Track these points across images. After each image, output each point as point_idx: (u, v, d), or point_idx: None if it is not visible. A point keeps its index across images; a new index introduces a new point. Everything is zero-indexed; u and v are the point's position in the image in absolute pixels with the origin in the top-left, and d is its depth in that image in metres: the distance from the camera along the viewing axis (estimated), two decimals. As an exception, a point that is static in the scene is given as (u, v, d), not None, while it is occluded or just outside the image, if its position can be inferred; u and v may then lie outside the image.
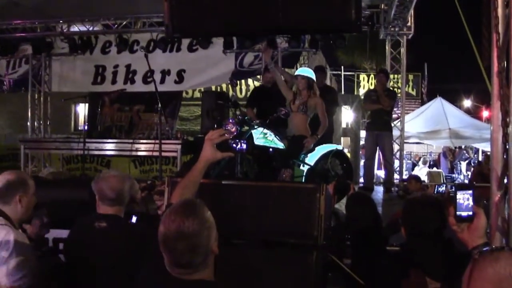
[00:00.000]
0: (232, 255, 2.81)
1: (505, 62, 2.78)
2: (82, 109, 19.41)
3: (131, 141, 10.41)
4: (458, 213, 2.47)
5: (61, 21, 13.05)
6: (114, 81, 13.18)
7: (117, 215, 3.74)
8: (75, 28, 13.21)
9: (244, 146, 3.71)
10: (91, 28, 13.05)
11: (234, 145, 3.58)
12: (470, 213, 2.45)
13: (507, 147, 2.71)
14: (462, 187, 2.55)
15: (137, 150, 10.49)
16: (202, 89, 15.00)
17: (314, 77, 8.18)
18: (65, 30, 13.23)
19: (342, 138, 15.78)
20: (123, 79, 13.07)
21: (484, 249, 1.94)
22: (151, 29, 12.52)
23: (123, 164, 12.42)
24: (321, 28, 4.45)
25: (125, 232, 3.66)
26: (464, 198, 2.48)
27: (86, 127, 10.79)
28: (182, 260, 2.42)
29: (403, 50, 12.89)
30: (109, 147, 10.81)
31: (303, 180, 7.71)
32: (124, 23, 12.71)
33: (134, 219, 3.88)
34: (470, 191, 2.49)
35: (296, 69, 14.31)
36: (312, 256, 3.62)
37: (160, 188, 5.66)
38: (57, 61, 13.83)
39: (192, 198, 2.86)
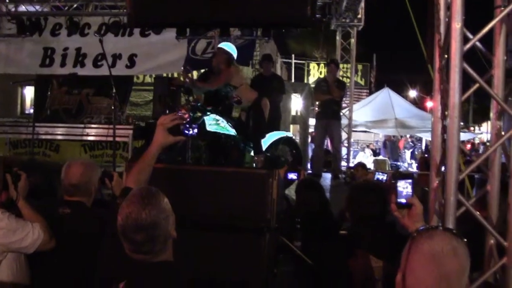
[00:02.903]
0: (187, 238, 2.93)
1: (446, 60, 3.02)
2: (29, 92, 18.99)
3: (82, 125, 10.34)
4: (398, 200, 2.72)
5: (7, 0, 12.71)
6: (63, 64, 12.84)
7: (81, 201, 3.84)
8: (22, 8, 12.91)
9: (195, 131, 3.81)
10: (40, 9, 12.79)
11: (185, 131, 3.68)
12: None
13: (445, 137, 2.95)
14: (402, 176, 2.80)
15: (88, 135, 10.42)
16: (154, 75, 14.95)
17: (235, 54, 8.13)
18: (12, 10, 12.91)
19: (291, 125, 16.03)
20: (73, 62, 12.77)
21: (421, 228, 2.16)
22: (103, 12, 12.38)
23: (73, 149, 12.24)
24: (276, 22, 4.57)
25: (88, 218, 3.75)
26: (404, 187, 2.72)
27: (32, 111, 10.59)
28: (142, 249, 2.50)
29: (353, 41, 13.21)
30: (59, 131, 10.69)
31: (253, 166, 7.89)
32: (75, 5, 12.50)
33: None
34: (410, 180, 2.74)
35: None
36: (265, 239, 3.81)
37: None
38: (3, 42, 13.41)
39: (149, 186, 2.86)
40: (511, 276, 2.97)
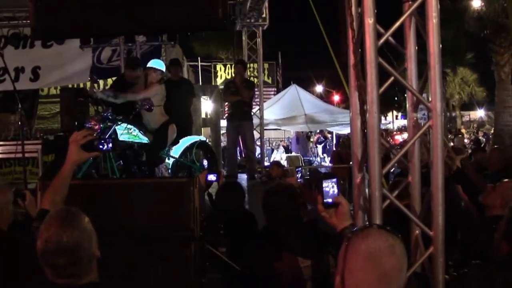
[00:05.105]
0: (112, 255, 2.82)
1: (360, 56, 3.05)
2: None
3: (-14, 143, 9.81)
4: (325, 200, 2.71)
5: None
6: (-40, 81, 12.23)
7: None
8: None
9: (110, 145, 3.68)
10: None
11: (100, 145, 3.54)
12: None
13: (366, 132, 2.97)
14: (326, 176, 2.80)
15: (-6, 153, 9.91)
16: (59, 87, 14.46)
17: (164, 69, 8.21)
18: None
19: (202, 128, 15.97)
20: (-29, 78, 12.19)
21: (356, 228, 2.15)
22: (1, 24, 11.76)
23: (-23, 168, 11.72)
24: (187, 27, 4.50)
25: (8, 244, 3.53)
26: (329, 187, 2.72)
27: None
28: (66, 273, 2.39)
29: (259, 40, 13.29)
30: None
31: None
32: (-30, 18, 11.87)
33: None
34: (335, 180, 2.74)
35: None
36: (190, 248, 3.75)
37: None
38: None
39: (68, 207, 2.73)
40: (438, 264, 3.03)
